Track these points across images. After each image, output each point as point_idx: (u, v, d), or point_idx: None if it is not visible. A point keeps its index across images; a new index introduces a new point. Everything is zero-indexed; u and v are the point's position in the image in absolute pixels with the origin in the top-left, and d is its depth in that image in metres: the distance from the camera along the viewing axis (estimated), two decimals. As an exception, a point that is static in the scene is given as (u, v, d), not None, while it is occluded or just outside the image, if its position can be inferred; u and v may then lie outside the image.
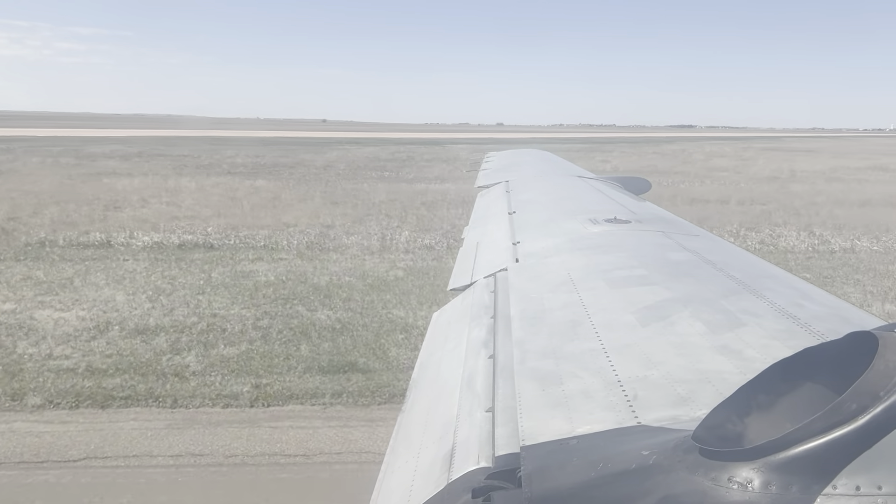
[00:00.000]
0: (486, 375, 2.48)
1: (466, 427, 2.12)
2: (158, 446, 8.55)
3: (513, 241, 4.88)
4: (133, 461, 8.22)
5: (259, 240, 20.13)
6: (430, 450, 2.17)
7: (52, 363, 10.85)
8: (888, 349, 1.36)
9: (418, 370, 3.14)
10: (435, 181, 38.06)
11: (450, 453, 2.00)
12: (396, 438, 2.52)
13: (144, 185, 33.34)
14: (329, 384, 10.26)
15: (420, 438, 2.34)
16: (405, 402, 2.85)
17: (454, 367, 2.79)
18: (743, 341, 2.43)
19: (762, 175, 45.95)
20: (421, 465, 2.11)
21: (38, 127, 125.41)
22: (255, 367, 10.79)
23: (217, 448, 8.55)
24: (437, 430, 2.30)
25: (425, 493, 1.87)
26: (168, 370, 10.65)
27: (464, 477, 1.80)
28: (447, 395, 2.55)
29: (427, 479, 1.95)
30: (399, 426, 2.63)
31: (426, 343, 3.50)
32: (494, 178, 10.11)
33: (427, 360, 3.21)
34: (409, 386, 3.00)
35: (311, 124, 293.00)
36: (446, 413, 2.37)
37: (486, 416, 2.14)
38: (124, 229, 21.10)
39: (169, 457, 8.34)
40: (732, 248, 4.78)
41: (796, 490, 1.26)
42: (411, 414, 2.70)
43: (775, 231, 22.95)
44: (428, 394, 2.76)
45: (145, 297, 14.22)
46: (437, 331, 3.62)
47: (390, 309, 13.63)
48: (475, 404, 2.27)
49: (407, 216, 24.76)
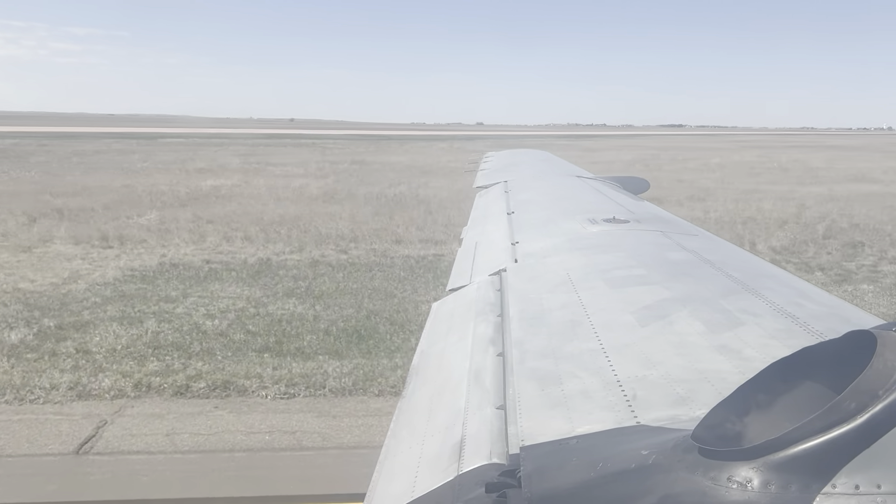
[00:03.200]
0: (495, 373, 2.49)
1: (476, 421, 2.13)
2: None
3: (512, 242, 4.88)
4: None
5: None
6: (435, 438, 2.19)
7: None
8: (887, 348, 1.37)
9: (419, 357, 3.16)
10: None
11: (459, 445, 2.01)
12: (398, 422, 2.54)
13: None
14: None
15: (424, 426, 2.36)
16: (406, 387, 2.87)
17: (459, 360, 2.80)
18: (742, 341, 2.43)
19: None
20: (426, 452, 2.12)
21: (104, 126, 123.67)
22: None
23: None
24: (442, 419, 2.31)
25: (433, 480, 1.88)
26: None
27: (475, 470, 1.80)
28: (453, 386, 2.56)
29: (434, 467, 1.96)
30: (400, 411, 2.65)
31: (427, 332, 3.52)
32: (493, 178, 10.12)
33: (429, 350, 3.23)
34: (409, 372, 3.03)
35: (277, 123, 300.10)
36: (453, 404, 2.38)
37: (496, 412, 2.15)
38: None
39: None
40: (731, 247, 4.79)
41: (795, 489, 1.26)
42: (413, 400, 2.71)
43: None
44: (431, 383, 2.78)
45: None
46: (438, 321, 3.64)
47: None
48: (485, 400, 2.28)
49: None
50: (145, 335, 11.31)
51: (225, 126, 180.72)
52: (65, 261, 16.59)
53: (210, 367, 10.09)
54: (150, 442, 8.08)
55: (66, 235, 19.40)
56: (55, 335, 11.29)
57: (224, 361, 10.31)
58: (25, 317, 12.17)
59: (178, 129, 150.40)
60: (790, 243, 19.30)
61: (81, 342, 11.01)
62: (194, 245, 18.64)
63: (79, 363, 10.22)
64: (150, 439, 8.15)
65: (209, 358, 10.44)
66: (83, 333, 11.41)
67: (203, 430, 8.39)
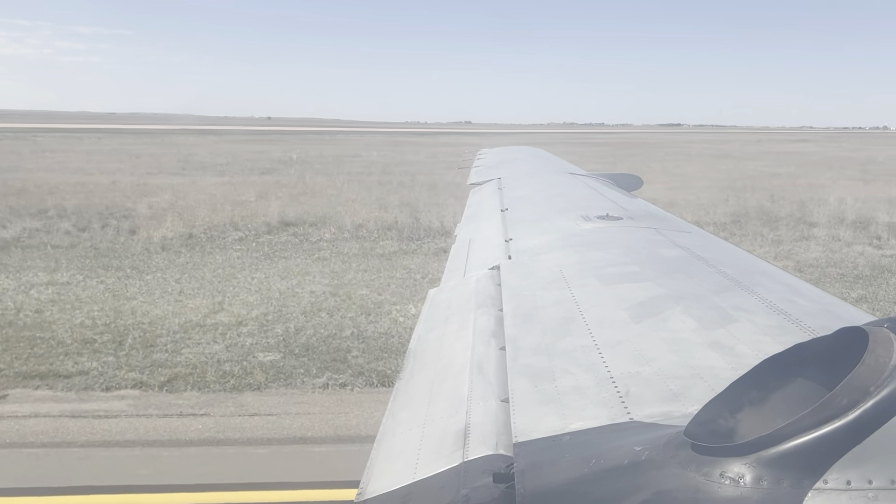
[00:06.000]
0: (498, 365, 2.51)
1: (481, 411, 2.15)
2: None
3: (505, 239, 4.88)
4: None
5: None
6: (437, 423, 2.21)
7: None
8: (878, 345, 1.37)
9: (416, 342, 3.18)
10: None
11: (463, 432, 2.02)
12: (396, 403, 2.56)
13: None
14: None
15: (425, 409, 2.38)
16: (403, 369, 2.90)
17: (460, 349, 2.82)
18: (734, 337, 2.44)
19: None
20: (428, 435, 2.14)
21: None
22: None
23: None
24: (444, 406, 2.33)
25: (436, 463, 1.89)
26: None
27: (482, 459, 1.82)
28: (455, 374, 2.58)
29: (437, 452, 1.98)
30: (398, 391, 2.67)
31: (424, 318, 3.54)
32: (486, 175, 10.11)
33: (426, 335, 3.25)
34: (406, 354, 3.07)
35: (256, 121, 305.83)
36: (455, 391, 2.40)
37: (501, 405, 2.17)
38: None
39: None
40: (724, 244, 4.80)
41: (787, 485, 1.26)
42: (412, 382, 2.73)
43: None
44: (431, 368, 2.80)
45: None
46: (435, 308, 3.67)
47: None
48: (489, 391, 2.29)
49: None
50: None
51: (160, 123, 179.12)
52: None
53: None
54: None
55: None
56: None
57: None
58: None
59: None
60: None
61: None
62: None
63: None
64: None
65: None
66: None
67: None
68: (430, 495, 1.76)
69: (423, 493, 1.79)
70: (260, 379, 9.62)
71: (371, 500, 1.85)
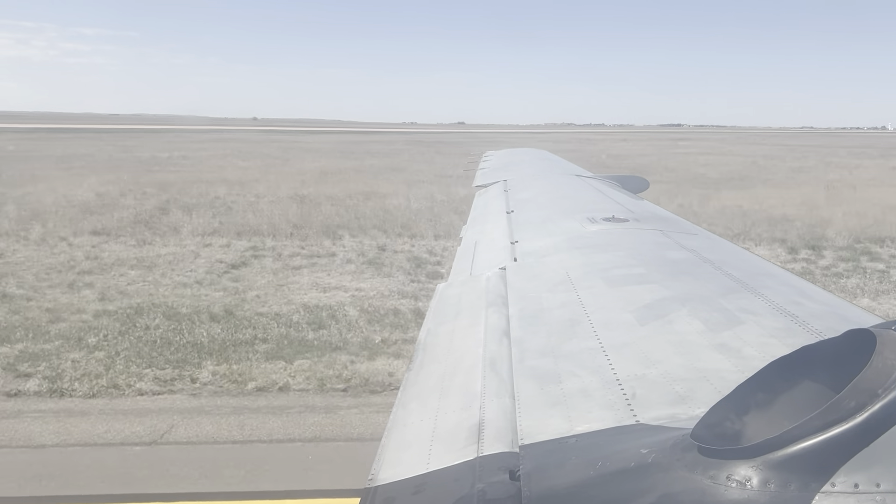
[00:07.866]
0: (511, 364, 2.51)
1: (495, 408, 2.14)
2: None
3: (511, 241, 4.88)
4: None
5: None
6: (450, 417, 2.20)
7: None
8: (886, 347, 1.36)
9: (426, 335, 3.18)
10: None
11: (477, 427, 2.02)
12: (406, 393, 2.55)
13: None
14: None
15: (437, 402, 2.37)
16: (413, 361, 2.89)
17: (472, 345, 2.81)
18: (741, 339, 2.43)
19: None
20: (440, 427, 2.14)
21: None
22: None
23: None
24: (457, 400, 2.33)
25: (450, 456, 1.89)
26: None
27: (498, 455, 1.81)
28: (466, 369, 2.58)
29: (450, 445, 1.98)
30: (408, 382, 2.66)
31: (433, 312, 3.53)
32: (492, 177, 10.11)
33: (436, 329, 3.25)
34: (416, 346, 3.06)
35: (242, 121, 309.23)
36: (468, 387, 2.39)
37: (514, 404, 2.16)
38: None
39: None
40: (730, 246, 4.78)
41: (795, 488, 1.26)
42: (422, 374, 2.73)
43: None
44: (442, 362, 2.80)
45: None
46: (445, 303, 3.66)
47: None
48: (502, 389, 2.29)
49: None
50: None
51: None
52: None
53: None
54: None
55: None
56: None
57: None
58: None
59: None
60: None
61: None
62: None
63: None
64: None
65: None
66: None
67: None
68: (445, 487, 1.75)
69: (437, 484, 1.78)
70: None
71: (383, 486, 1.84)
